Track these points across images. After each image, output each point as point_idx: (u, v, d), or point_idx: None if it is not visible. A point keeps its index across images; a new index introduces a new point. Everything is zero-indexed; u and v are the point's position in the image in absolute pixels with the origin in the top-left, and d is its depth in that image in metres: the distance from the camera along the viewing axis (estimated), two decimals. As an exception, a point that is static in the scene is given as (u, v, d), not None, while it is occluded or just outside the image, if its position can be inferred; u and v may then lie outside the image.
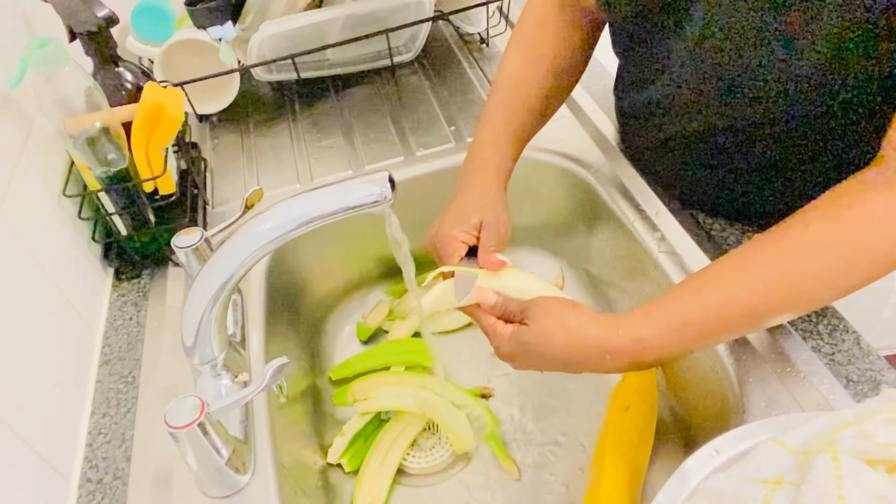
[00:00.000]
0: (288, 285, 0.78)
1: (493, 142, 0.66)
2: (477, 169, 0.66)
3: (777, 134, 0.57)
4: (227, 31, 0.86)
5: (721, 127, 0.59)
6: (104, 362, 0.66)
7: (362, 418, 0.73)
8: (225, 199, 0.82)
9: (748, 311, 0.48)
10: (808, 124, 0.55)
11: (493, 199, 0.63)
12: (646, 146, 0.72)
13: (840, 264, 0.46)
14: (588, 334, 0.50)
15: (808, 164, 0.59)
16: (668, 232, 0.69)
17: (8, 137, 0.63)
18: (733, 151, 0.61)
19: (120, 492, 0.55)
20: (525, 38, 0.70)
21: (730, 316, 0.48)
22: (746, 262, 0.49)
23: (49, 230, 0.65)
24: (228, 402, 0.50)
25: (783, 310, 0.49)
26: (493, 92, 0.69)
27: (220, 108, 0.95)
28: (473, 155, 0.67)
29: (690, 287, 0.50)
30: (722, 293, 0.48)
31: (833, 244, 0.46)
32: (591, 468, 0.66)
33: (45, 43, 0.57)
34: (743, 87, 0.54)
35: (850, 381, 0.54)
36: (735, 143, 0.60)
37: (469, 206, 0.63)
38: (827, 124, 0.55)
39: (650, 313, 0.50)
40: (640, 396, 0.68)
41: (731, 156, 0.62)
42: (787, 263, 0.47)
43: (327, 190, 0.48)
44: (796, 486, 0.39)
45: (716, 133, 0.60)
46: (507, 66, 0.70)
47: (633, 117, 0.72)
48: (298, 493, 0.60)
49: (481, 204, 0.62)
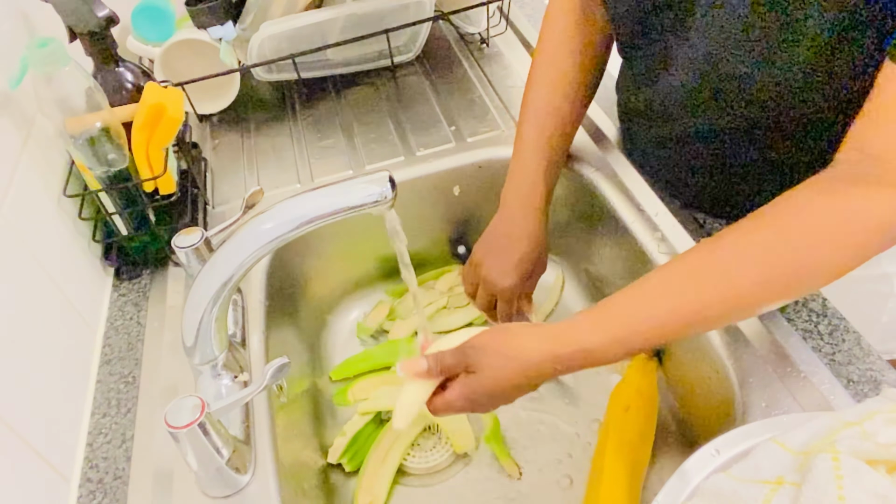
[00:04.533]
0: (288, 285, 0.78)
1: (536, 179, 0.69)
2: (526, 206, 0.69)
3: (777, 133, 0.57)
4: (228, 31, 0.86)
5: (722, 126, 0.59)
6: (104, 362, 0.66)
7: (362, 418, 0.73)
8: (225, 199, 0.82)
9: (694, 318, 0.48)
10: (808, 123, 0.55)
11: (542, 256, 0.69)
12: (647, 145, 0.73)
13: (785, 273, 0.46)
14: (532, 351, 0.50)
15: (810, 163, 0.59)
16: (668, 232, 0.69)
17: (8, 137, 0.63)
18: (734, 150, 0.61)
19: (120, 492, 0.55)
20: (550, 60, 0.70)
21: (676, 325, 0.48)
22: (693, 270, 0.48)
23: (49, 230, 0.65)
24: (229, 402, 0.50)
25: (729, 317, 0.50)
26: (529, 118, 0.70)
27: (220, 108, 0.95)
28: (519, 191, 0.69)
29: (637, 295, 0.50)
30: (668, 302, 0.48)
31: (778, 252, 0.46)
32: (591, 468, 0.66)
33: (46, 43, 0.57)
34: (742, 86, 0.54)
35: (850, 381, 0.54)
36: (736, 143, 0.60)
37: (528, 262, 0.68)
38: (825, 123, 0.54)
39: (597, 323, 0.49)
40: (640, 396, 0.68)
41: (731, 155, 0.62)
42: (733, 271, 0.47)
43: (327, 190, 0.48)
44: (797, 486, 0.39)
45: (717, 132, 0.60)
46: (538, 90, 0.71)
47: (635, 115, 0.72)
48: (299, 493, 0.60)
49: (538, 263, 0.69)
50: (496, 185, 0.85)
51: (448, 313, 0.85)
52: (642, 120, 0.70)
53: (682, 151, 0.66)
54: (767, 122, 0.56)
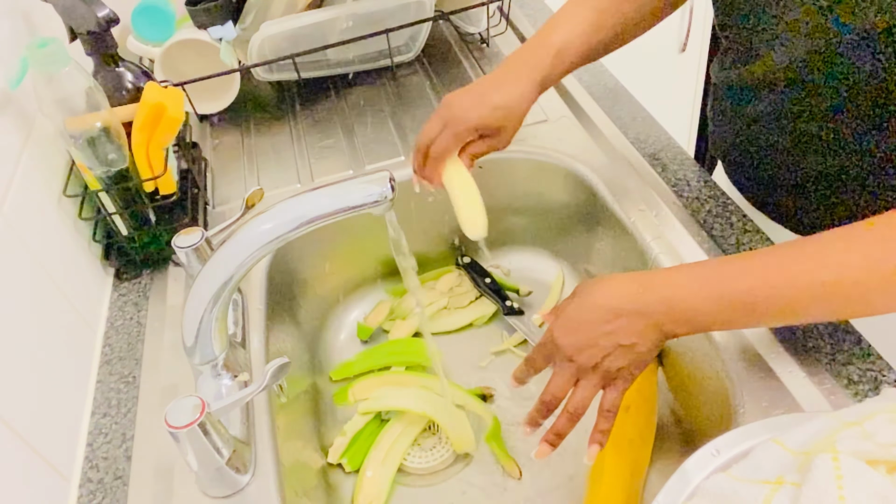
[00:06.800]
0: (288, 285, 0.78)
1: (557, 52, 0.65)
2: (523, 64, 0.65)
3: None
4: (228, 30, 0.86)
5: (824, 107, 0.56)
6: (105, 362, 0.66)
7: (363, 418, 0.73)
8: (225, 198, 0.82)
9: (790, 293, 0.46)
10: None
11: (521, 105, 0.64)
12: (737, 126, 0.68)
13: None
14: (616, 285, 0.51)
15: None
16: (668, 232, 0.69)
17: (8, 137, 0.63)
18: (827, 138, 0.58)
19: (120, 492, 0.55)
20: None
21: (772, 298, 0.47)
22: (799, 248, 0.48)
23: (49, 230, 0.65)
24: (229, 402, 0.50)
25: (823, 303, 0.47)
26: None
27: (220, 108, 0.95)
28: (520, 55, 0.66)
29: (736, 259, 0.49)
30: (768, 272, 0.47)
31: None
32: (592, 468, 0.66)
33: (46, 43, 0.57)
34: (847, 64, 0.51)
35: (850, 381, 0.54)
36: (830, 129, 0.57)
37: (497, 99, 0.63)
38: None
39: (691, 277, 0.50)
40: (640, 396, 0.68)
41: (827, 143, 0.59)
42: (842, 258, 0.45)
43: (328, 190, 0.48)
44: (797, 486, 0.39)
45: (816, 113, 0.57)
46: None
47: (730, 91, 0.68)
48: (299, 493, 0.60)
49: (511, 105, 0.63)
50: (496, 185, 0.85)
51: (448, 313, 0.85)
52: (738, 96, 0.66)
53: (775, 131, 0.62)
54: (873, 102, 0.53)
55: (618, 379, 0.53)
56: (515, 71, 0.65)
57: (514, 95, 0.64)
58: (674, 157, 0.78)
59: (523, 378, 0.58)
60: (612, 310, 0.51)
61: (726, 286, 0.48)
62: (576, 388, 0.54)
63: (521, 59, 0.66)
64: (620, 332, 0.51)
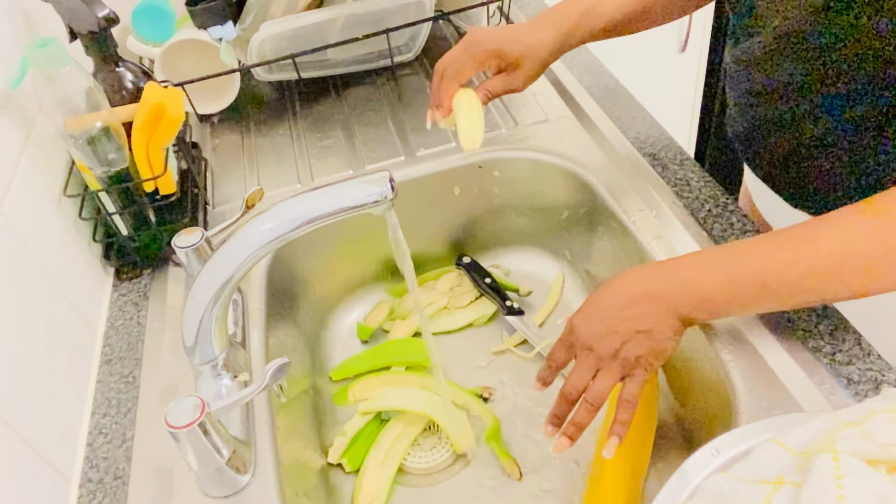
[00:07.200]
0: (288, 285, 0.78)
1: (585, 10, 0.68)
2: (549, 15, 0.68)
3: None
4: (228, 31, 0.86)
5: (832, 78, 0.55)
6: (105, 362, 0.66)
7: (363, 418, 0.73)
8: (225, 199, 0.82)
9: (806, 270, 0.47)
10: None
11: (541, 49, 0.67)
12: (748, 101, 0.66)
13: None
14: (632, 276, 0.53)
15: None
16: (668, 232, 0.69)
17: (8, 137, 0.63)
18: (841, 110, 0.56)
19: (120, 492, 0.55)
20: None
21: (787, 277, 0.48)
22: (812, 227, 0.48)
23: (50, 230, 0.65)
24: (229, 401, 0.50)
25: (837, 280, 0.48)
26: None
27: (220, 108, 0.95)
28: (560, 7, 0.69)
29: (751, 242, 0.50)
30: (786, 252, 0.48)
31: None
32: (592, 468, 0.66)
33: (46, 43, 0.58)
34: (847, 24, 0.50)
35: (850, 381, 0.54)
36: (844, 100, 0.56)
37: (518, 34, 0.67)
38: None
39: (705, 262, 0.51)
40: (639, 396, 0.68)
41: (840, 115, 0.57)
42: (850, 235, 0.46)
43: (327, 190, 0.48)
44: (797, 486, 0.39)
45: (825, 85, 0.56)
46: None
47: (740, 65, 0.66)
48: (299, 493, 0.60)
49: (531, 44, 0.67)
50: (497, 185, 0.85)
51: (448, 313, 0.85)
52: (747, 69, 0.64)
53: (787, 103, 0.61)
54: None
55: (637, 368, 0.53)
56: (541, 20, 0.69)
57: (535, 38, 0.67)
58: (674, 156, 0.78)
59: (547, 378, 0.58)
60: (629, 296, 0.52)
61: (737, 265, 0.49)
62: (595, 378, 0.54)
63: (550, 12, 0.70)
64: (637, 318, 0.51)
